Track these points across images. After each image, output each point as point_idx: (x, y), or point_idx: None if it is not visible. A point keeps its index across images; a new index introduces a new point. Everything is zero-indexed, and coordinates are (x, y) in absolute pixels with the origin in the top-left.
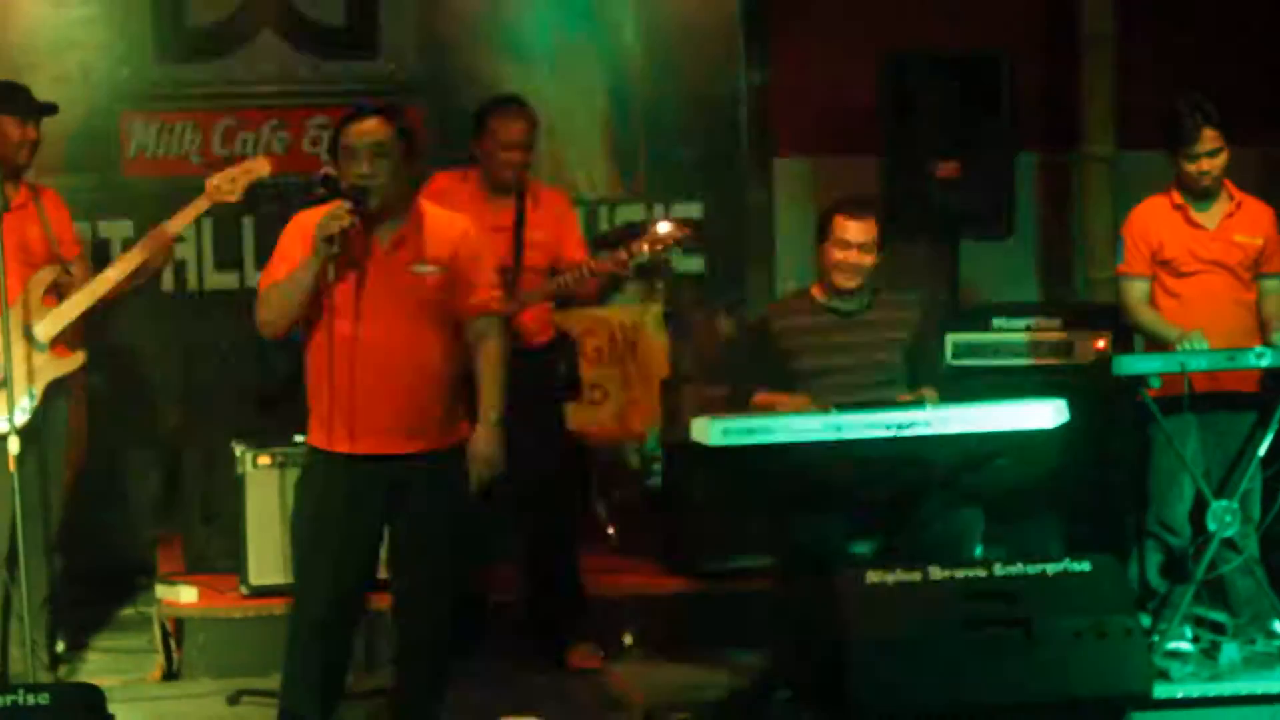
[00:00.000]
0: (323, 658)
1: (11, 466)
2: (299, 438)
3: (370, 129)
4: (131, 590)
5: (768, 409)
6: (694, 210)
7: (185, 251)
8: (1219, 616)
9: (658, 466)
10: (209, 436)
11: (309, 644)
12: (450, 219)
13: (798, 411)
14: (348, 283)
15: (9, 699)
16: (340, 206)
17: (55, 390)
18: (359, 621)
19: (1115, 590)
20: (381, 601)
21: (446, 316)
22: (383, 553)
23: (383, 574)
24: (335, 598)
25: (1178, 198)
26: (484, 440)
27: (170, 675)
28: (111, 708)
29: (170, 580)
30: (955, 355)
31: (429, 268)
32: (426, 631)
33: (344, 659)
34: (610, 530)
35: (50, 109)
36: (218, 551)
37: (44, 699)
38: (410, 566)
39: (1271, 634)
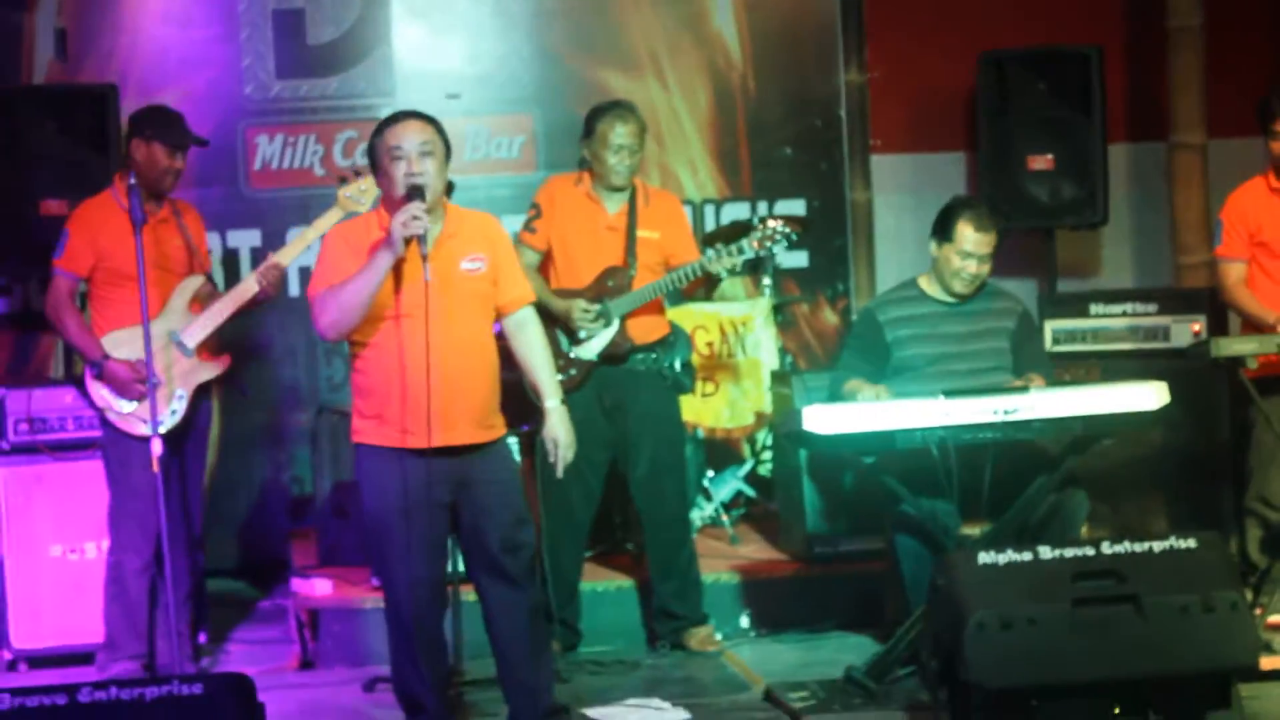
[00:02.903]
0: (423, 645)
1: (155, 467)
2: None
3: (415, 130)
4: (268, 584)
5: (848, 397)
6: (797, 207)
7: (309, 257)
8: None
9: (768, 455)
10: (336, 434)
11: (409, 634)
12: (480, 216)
13: (876, 400)
14: (410, 283)
15: (165, 689)
16: (419, 206)
17: (201, 394)
18: (447, 608)
19: (1220, 565)
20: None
21: (491, 309)
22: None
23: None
24: (425, 587)
25: (1275, 181)
26: (559, 423)
27: (305, 664)
28: None
29: (305, 573)
30: (1055, 342)
31: (477, 263)
32: (515, 616)
33: (442, 645)
34: (724, 518)
35: (202, 142)
36: (348, 545)
37: (197, 689)
38: (487, 555)
39: None
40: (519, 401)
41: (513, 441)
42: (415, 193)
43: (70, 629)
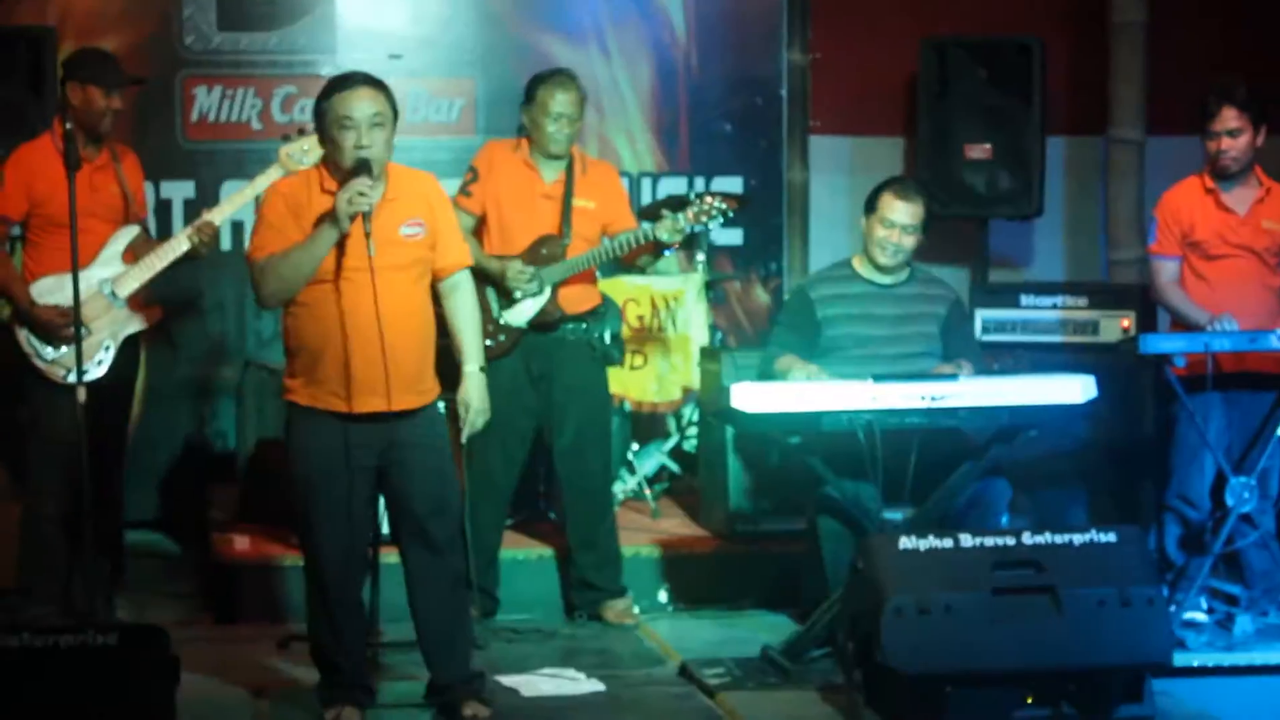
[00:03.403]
0: (341, 606)
1: (80, 416)
2: None
3: (368, 99)
4: (186, 538)
5: (786, 372)
6: (734, 184)
7: (245, 213)
8: (1233, 589)
9: (693, 431)
10: (262, 391)
11: (327, 595)
12: (420, 176)
13: (808, 379)
14: (350, 249)
15: (79, 637)
16: (365, 183)
17: (129, 344)
18: (368, 571)
19: (1139, 561)
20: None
21: (428, 273)
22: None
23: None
24: (346, 549)
25: (1210, 181)
26: (475, 389)
27: (221, 619)
28: None
29: (224, 528)
30: (984, 331)
31: (415, 228)
32: (440, 582)
33: (361, 608)
34: (646, 492)
35: (138, 80)
36: (269, 502)
37: (112, 639)
38: (414, 518)
39: None
40: (450, 366)
41: (440, 406)
42: (362, 167)
43: None
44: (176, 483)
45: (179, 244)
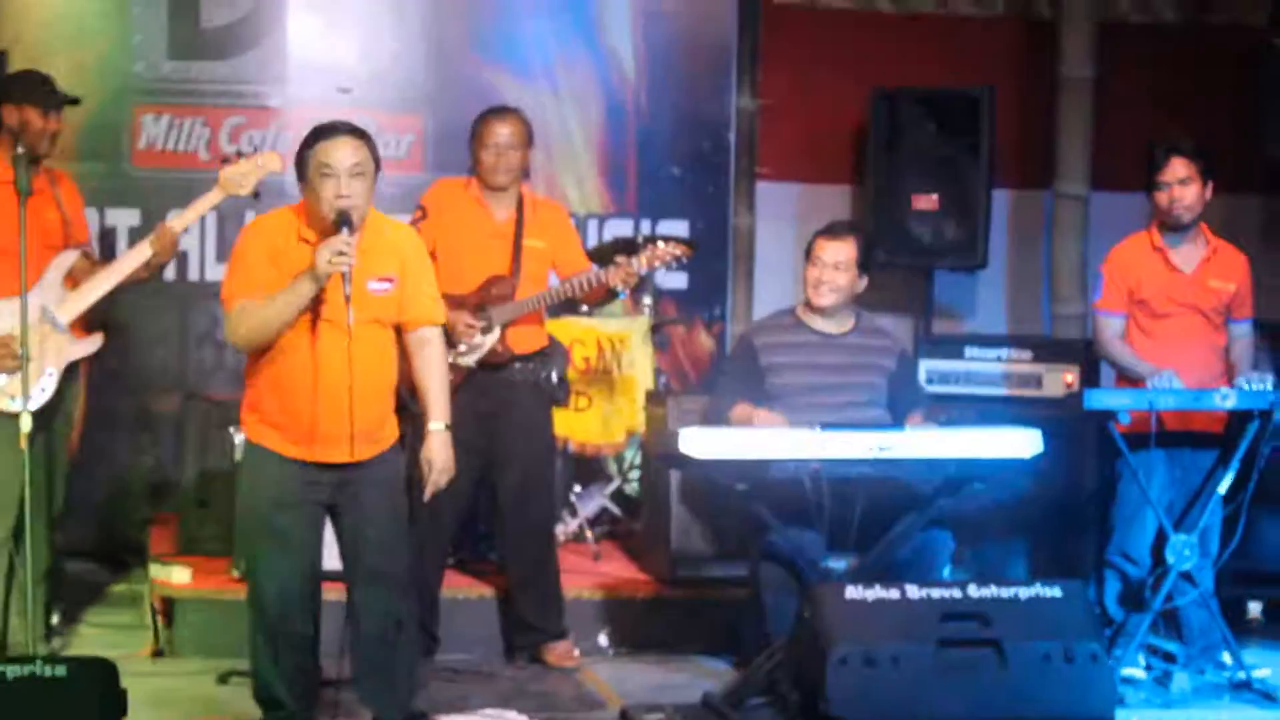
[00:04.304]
0: (288, 642)
1: (22, 443)
2: None
3: (349, 151)
4: (121, 568)
5: (744, 422)
6: (680, 228)
7: (188, 243)
8: (1171, 646)
9: (635, 474)
10: (204, 422)
11: (273, 631)
12: (397, 228)
13: (782, 429)
14: (327, 302)
15: (28, 669)
16: (345, 241)
17: (71, 372)
18: (317, 606)
19: (1083, 616)
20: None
21: (393, 326)
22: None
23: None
24: (294, 589)
25: (1157, 239)
26: (440, 447)
27: (158, 652)
28: None
29: (164, 561)
30: (928, 382)
31: (384, 284)
32: (387, 620)
33: (311, 647)
34: (588, 534)
35: (73, 100)
36: (209, 535)
37: (61, 671)
38: (362, 559)
39: (1221, 665)
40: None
41: None
42: (343, 221)
43: None
44: (114, 513)
45: (139, 253)
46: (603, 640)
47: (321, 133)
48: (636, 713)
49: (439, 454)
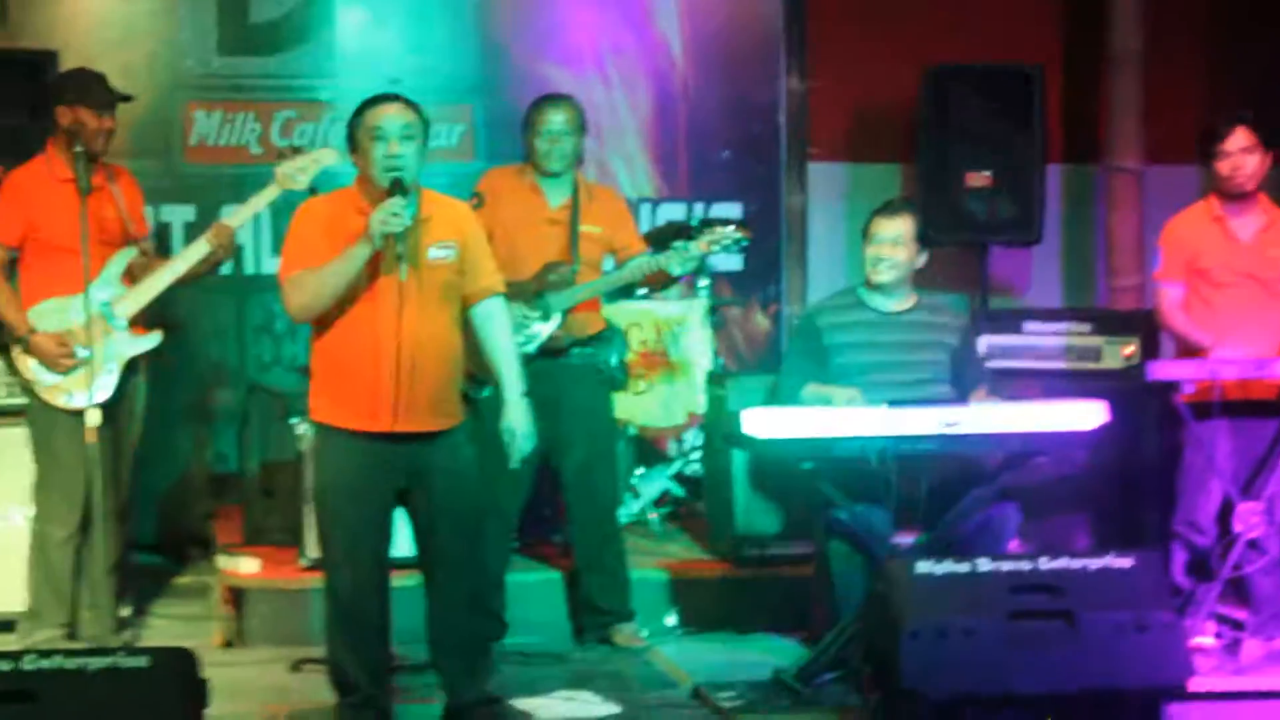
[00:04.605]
0: (362, 627)
1: (90, 439)
2: None
3: (398, 112)
4: (185, 561)
5: (819, 401)
6: (733, 210)
7: (243, 236)
8: (1240, 614)
9: (696, 455)
10: (267, 414)
11: (348, 615)
12: (451, 202)
13: (850, 406)
14: (386, 268)
15: (110, 661)
16: (399, 203)
17: (131, 367)
18: (389, 592)
19: (1156, 586)
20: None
21: (457, 297)
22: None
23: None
24: (368, 576)
25: (1216, 208)
26: (520, 415)
27: (228, 642)
28: None
29: (232, 551)
30: (987, 357)
31: (445, 251)
32: (463, 604)
33: (384, 629)
34: (651, 515)
35: (125, 98)
36: (275, 525)
37: (142, 662)
38: (437, 540)
39: None
40: None
41: None
42: (397, 186)
43: None
44: (176, 506)
45: (196, 249)
46: (670, 620)
47: (370, 100)
48: (708, 691)
49: (520, 421)
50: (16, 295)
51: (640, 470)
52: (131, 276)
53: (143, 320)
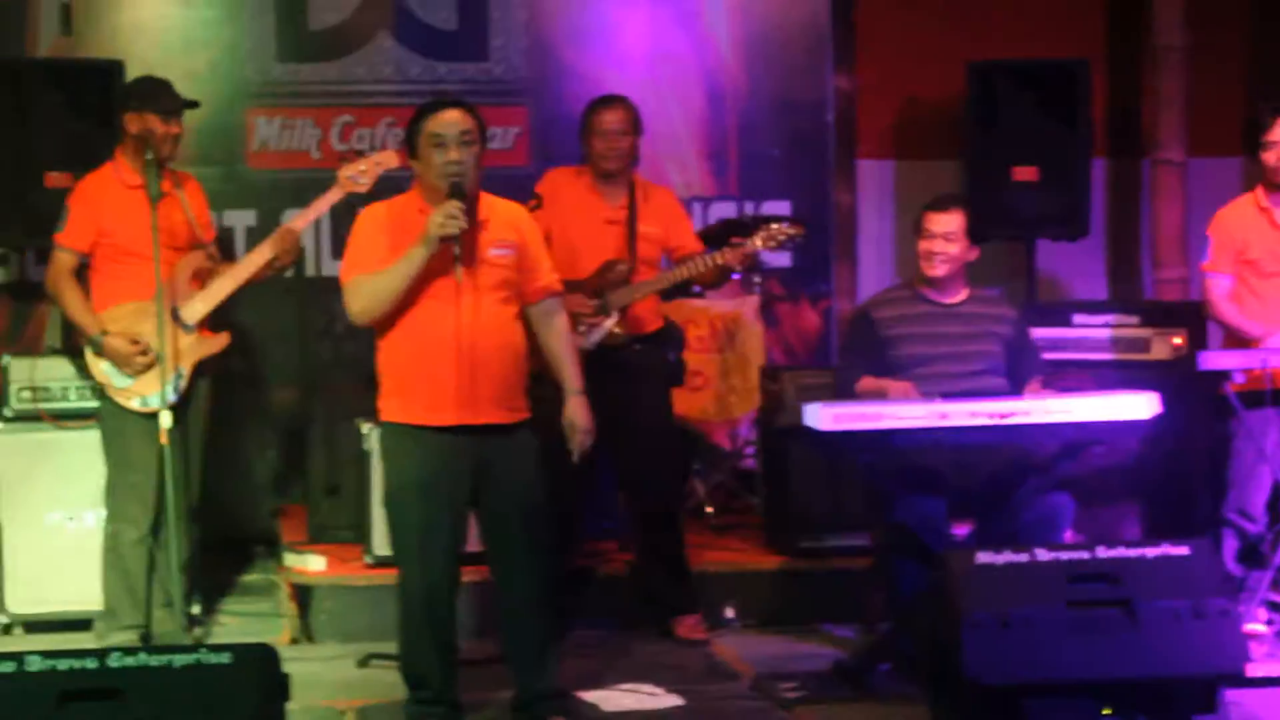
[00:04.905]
0: (435, 623)
1: (164, 440)
2: None
3: (457, 119)
4: (248, 559)
5: (875, 394)
6: (782, 208)
7: (303, 239)
8: None
9: (750, 449)
10: (331, 414)
11: (422, 612)
12: (508, 205)
13: (905, 399)
14: (444, 268)
15: (193, 657)
16: (456, 206)
17: (200, 370)
18: (458, 586)
19: (1211, 573)
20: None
21: (516, 295)
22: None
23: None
24: (439, 574)
25: (1263, 199)
26: (580, 411)
27: (295, 639)
28: None
29: (298, 549)
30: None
31: (505, 250)
32: (530, 596)
33: (453, 624)
34: (709, 509)
35: (192, 104)
36: (340, 523)
37: (225, 658)
38: (508, 534)
39: None
40: None
41: None
42: (455, 190)
43: (67, 596)
44: (240, 505)
45: (261, 254)
46: (729, 613)
47: (429, 106)
48: (769, 682)
49: (581, 417)
50: (89, 299)
51: (695, 466)
52: (199, 281)
53: (210, 324)
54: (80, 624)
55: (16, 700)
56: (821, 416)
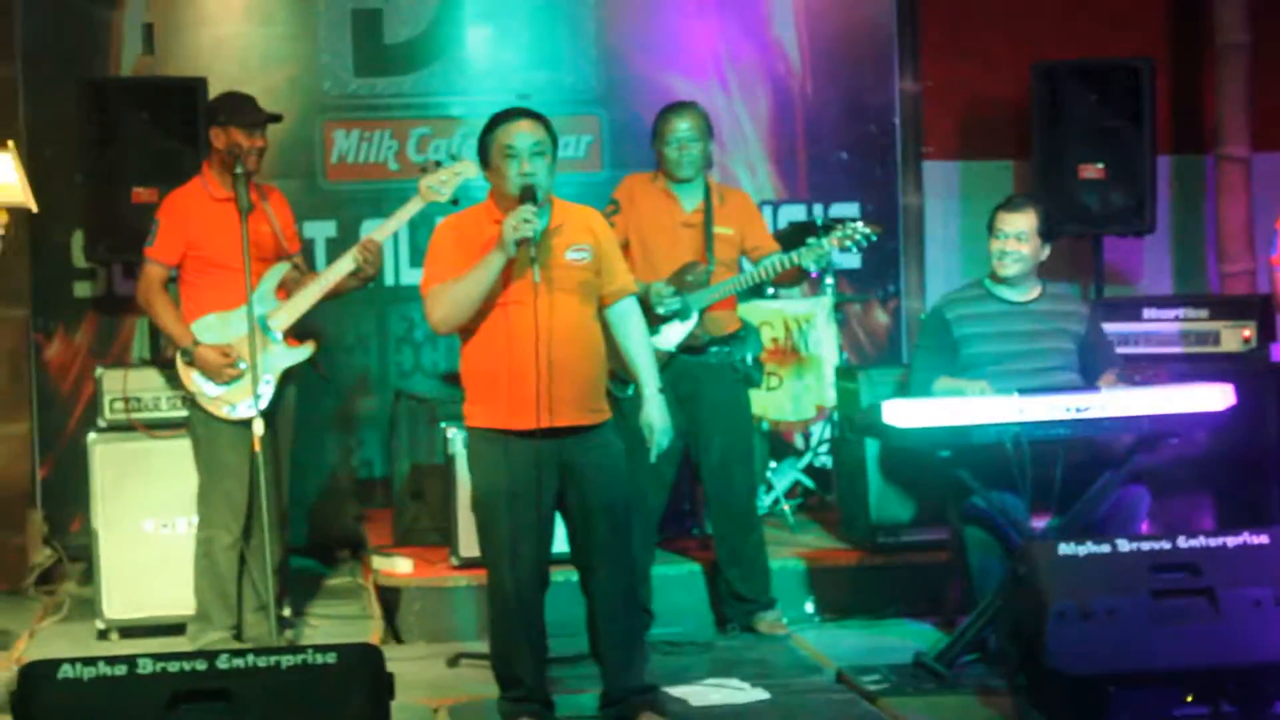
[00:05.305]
0: (526, 623)
1: (257, 447)
2: None
3: (528, 129)
4: (334, 563)
5: (951, 393)
6: (851, 210)
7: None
8: None
9: (824, 447)
10: (413, 419)
11: (513, 612)
12: (582, 209)
13: (982, 395)
14: (521, 273)
15: (300, 658)
16: (530, 210)
17: (287, 378)
18: (548, 586)
19: None
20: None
21: (594, 297)
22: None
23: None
24: (529, 574)
25: None
26: (657, 410)
27: (384, 640)
28: None
29: (385, 552)
30: None
31: (581, 253)
32: (618, 595)
33: (543, 624)
34: (784, 507)
35: (275, 118)
36: (425, 526)
37: (331, 658)
38: (594, 534)
39: None
40: None
41: None
42: (528, 194)
43: (161, 601)
44: (325, 510)
45: (343, 264)
46: (809, 608)
47: (501, 117)
48: (853, 675)
49: (658, 416)
50: (179, 310)
51: (772, 464)
52: (284, 291)
53: (295, 333)
54: (174, 629)
55: (129, 702)
56: (901, 413)
